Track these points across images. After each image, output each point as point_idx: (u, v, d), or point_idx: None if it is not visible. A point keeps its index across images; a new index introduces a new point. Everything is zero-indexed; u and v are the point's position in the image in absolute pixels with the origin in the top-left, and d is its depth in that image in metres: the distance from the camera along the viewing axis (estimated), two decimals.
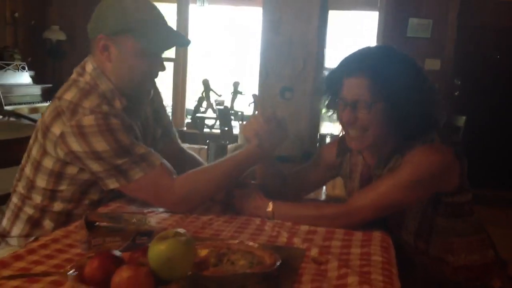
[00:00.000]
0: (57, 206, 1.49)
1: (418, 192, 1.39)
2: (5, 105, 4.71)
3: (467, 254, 1.44)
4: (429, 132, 1.42)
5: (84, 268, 0.90)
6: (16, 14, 5.44)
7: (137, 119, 1.56)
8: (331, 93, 1.50)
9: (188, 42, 1.54)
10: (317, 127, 2.19)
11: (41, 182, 1.48)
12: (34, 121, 3.80)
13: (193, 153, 1.83)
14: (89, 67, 1.49)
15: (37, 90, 5.45)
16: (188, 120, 6.27)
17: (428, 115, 1.42)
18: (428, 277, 1.46)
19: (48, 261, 1.05)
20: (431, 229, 1.44)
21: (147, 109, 1.65)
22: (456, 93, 5.67)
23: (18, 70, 5.29)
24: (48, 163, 1.45)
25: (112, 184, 1.42)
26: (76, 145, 1.38)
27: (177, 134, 1.81)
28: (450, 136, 1.45)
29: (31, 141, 1.52)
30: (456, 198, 1.43)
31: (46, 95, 5.40)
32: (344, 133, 1.50)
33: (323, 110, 1.61)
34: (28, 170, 1.51)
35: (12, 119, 4.34)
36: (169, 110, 6.38)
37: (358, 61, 1.42)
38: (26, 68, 5.39)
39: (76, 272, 0.88)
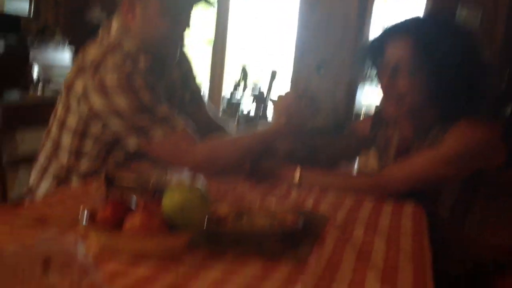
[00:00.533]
0: (83, 166, 1.48)
1: (459, 169, 1.31)
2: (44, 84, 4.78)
3: (506, 232, 1.35)
4: (475, 105, 1.32)
5: (96, 214, 0.87)
6: None
7: (162, 80, 1.53)
8: (372, 59, 1.43)
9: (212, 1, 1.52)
10: (353, 100, 2.11)
11: (66, 141, 1.47)
12: None
13: (222, 124, 1.78)
14: (114, 27, 1.49)
15: None
16: (223, 106, 6.27)
17: (475, 89, 1.33)
18: (463, 255, 1.37)
19: (64, 212, 1.02)
20: (470, 206, 1.35)
21: (174, 72, 1.62)
22: (504, 84, 5.45)
23: (59, 48, 5.37)
24: (72, 121, 1.44)
25: (133, 143, 1.39)
26: (98, 102, 1.36)
27: (206, 103, 1.77)
28: (498, 111, 1.35)
29: (57, 101, 1.52)
30: (500, 175, 1.34)
31: None
32: (381, 100, 1.43)
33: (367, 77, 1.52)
34: (54, 130, 1.50)
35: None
36: (205, 94, 6.37)
37: (404, 24, 1.35)
38: (67, 47, 5.47)
39: (88, 217, 0.85)
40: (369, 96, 2.47)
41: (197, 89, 1.73)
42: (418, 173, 1.30)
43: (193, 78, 1.73)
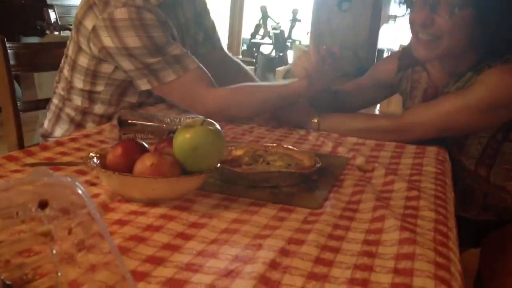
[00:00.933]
0: (98, 108, 1.46)
1: (488, 119, 1.22)
2: (62, 27, 4.73)
3: None
4: None
5: (107, 156, 0.84)
6: None
7: (174, 19, 1.47)
8: None
9: None
10: (375, 41, 2.02)
11: (79, 82, 1.44)
12: None
13: (239, 61, 1.72)
14: None
15: None
16: (244, 48, 6.14)
17: None
18: (487, 205, 1.33)
19: (76, 153, 1.01)
20: (496, 156, 1.28)
21: (187, 9, 1.55)
22: None
23: None
24: (83, 61, 1.40)
25: (144, 84, 1.35)
26: (108, 40, 1.31)
27: (221, 40, 1.71)
28: None
29: (68, 41, 1.47)
30: None
31: None
32: (411, 40, 1.33)
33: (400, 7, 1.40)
34: (66, 71, 1.47)
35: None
36: (225, 37, 6.26)
37: None
38: None
39: (98, 160, 0.82)
40: (393, 37, 2.35)
41: (211, 28, 1.67)
42: (442, 120, 1.23)
43: (207, 16, 1.66)
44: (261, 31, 5.96)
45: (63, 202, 0.45)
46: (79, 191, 0.45)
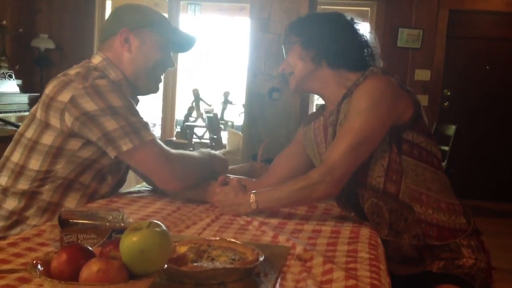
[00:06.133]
0: (45, 194, 1.45)
1: (379, 119, 1.37)
2: None
3: (434, 211, 1.39)
4: (365, 69, 1.46)
5: (51, 263, 0.84)
6: (4, 22, 5.38)
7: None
8: None
9: (195, 40, 1.67)
10: None
11: (35, 164, 1.44)
12: None
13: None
14: (96, 59, 1.55)
15: (24, 98, 5.37)
16: (177, 130, 6.23)
17: (355, 54, 1.48)
18: (395, 224, 1.40)
19: (16, 260, 0.99)
20: (400, 170, 1.39)
21: None
22: (446, 104, 5.66)
23: (5, 78, 5.21)
24: (47, 139, 1.43)
25: (125, 144, 1.39)
26: (90, 104, 1.38)
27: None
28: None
29: (21, 128, 1.50)
30: (416, 136, 1.41)
31: (34, 104, 5.31)
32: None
33: None
34: (16, 158, 1.47)
35: None
36: (158, 121, 6.31)
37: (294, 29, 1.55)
38: (14, 76, 5.32)
39: (42, 267, 0.82)
40: None
41: None
42: (353, 140, 1.35)
43: None
44: (194, 113, 6.09)
45: None
46: None
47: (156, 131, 5.79)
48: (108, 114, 1.39)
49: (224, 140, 4.52)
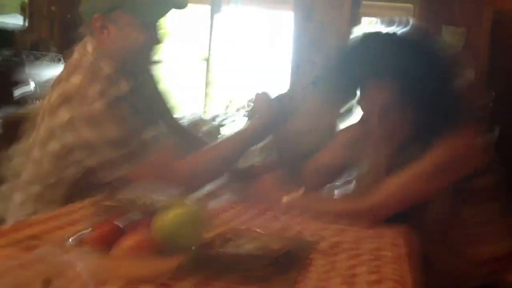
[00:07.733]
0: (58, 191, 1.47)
1: (442, 181, 1.34)
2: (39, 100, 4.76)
3: (493, 243, 1.38)
4: (451, 120, 1.38)
5: (84, 240, 0.88)
6: (53, 8, 5.55)
7: (142, 98, 1.57)
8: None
9: (185, 4, 1.52)
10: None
11: (48, 165, 1.46)
12: None
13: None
14: (89, 47, 1.52)
15: None
16: (215, 124, 6.25)
17: (451, 108, 1.39)
18: (445, 270, 1.39)
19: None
20: (453, 219, 1.37)
21: (151, 83, 1.68)
22: (490, 104, 5.49)
23: (54, 61, 5.36)
24: (55, 146, 1.44)
25: (124, 169, 1.41)
26: (89, 133, 1.39)
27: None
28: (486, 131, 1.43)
29: (37, 121, 1.52)
30: (481, 180, 1.38)
31: None
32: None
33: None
34: (36, 151, 1.49)
35: None
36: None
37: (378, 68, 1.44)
38: (62, 60, 5.46)
39: (77, 239, 0.87)
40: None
41: (167, 112, 1.78)
42: (405, 192, 1.34)
43: (162, 100, 1.76)
44: (233, 108, 6.11)
45: (65, 280, 0.50)
46: (81, 271, 0.50)
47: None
48: (106, 145, 1.39)
49: None
